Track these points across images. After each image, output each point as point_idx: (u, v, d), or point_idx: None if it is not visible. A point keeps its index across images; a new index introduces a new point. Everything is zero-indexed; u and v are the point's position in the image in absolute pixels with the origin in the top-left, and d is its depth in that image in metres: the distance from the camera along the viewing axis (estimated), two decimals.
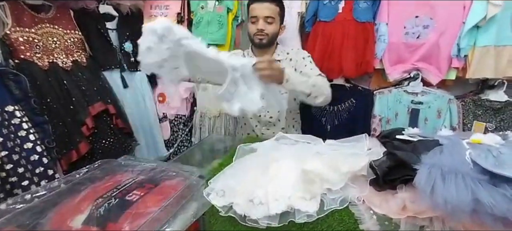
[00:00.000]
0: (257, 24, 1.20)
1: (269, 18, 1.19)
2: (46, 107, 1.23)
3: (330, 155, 0.79)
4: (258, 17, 1.19)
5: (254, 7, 1.20)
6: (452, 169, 0.59)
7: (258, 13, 1.19)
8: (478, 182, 0.55)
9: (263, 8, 1.18)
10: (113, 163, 1.02)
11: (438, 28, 1.39)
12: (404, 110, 1.52)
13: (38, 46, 1.26)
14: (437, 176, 0.59)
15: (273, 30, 1.21)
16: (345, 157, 0.76)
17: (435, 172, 0.60)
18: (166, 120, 1.97)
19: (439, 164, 0.61)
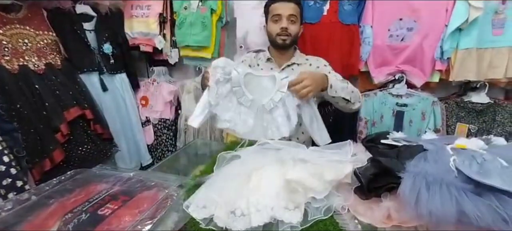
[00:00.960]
0: (280, 23, 1.16)
1: (293, 17, 1.17)
2: (15, 114, 1.16)
3: (314, 162, 0.76)
4: (282, 15, 1.16)
5: (277, 6, 1.17)
6: (436, 178, 0.57)
7: (281, 12, 1.16)
8: (463, 192, 0.54)
9: (286, 6, 1.16)
10: (87, 173, 0.96)
11: (421, 30, 1.40)
12: (389, 112, 1.52)
13: (6, 48, 1.18)
14: (421, 185, 0.57)
15: (296, 30, 1.19)
16: (329, 164, 0.74)
17: (419, 181, 0.58)
18: (149, 124, 1.91)
19: (423, 173, 0.60)
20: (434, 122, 1.47)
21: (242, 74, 0.94)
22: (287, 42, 1.19)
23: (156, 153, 1.95)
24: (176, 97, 1.91)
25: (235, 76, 0.94)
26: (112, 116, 1.66)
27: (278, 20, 1.17)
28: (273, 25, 1.19)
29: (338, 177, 0.71)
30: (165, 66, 1.92)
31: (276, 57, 1.26)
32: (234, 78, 0.94)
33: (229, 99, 0.96)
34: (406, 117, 1.50)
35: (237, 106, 0.97)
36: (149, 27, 1.73)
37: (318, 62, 1.25)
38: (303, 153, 0.85)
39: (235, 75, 0.94)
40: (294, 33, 1.19)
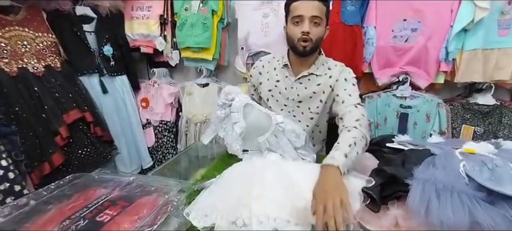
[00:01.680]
0: (301, 26, 0.98)
1: (317, 18, 0.98)
2: (14, 117, 1.14)
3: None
4: (304, 16, 0.98)
5: (298, 6, 0.99)
6: (447, 185, 0.55)
7: (303, 12, 0.98)
8: (475, 200, 0.51)
9: (309, 6, 0.97)
10: (85, 178, 0.95)
11: (426, 31, 1.38)
12: (393, 114, 1.49)
13: (5, 51, 1.17)
14: (431, 193, 0.55)
15: (319, 33, 1.01)
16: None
17: (429, 189, 0.56)
18: (150, 127, 1.89)
19: (432, 180, 0.58)
20: (439, 124, 1.45)
21: (242, 102, 0.97)
22: (307, 48, 1.01)
23: (157, 155, 1.93)
24: (177, 99, 1.89)
25: (235, 102, 0.97)
26: (113, 118, 1.64)
27: (299, 22, 0.99)
28: (293, 28, 1.01)
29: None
30: (166, 68, 1.90)
31: (294, 64, 1.10)
32: (234, 104, 0.97)
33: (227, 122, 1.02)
34: (411, 119, 1.47)
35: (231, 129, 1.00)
36: (150, 28, 1.71)
37: (341, 75, 1.06)
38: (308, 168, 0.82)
39: (236, 100, 0.97)
40: (317, 38, 1.01)
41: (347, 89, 1.03)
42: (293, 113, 1.14)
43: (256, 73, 1.20)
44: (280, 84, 1.13)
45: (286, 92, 1.12)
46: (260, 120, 0.97)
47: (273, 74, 1.15)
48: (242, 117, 0.97)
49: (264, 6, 1.55)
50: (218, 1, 1.61)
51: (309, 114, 1.12)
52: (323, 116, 1.15)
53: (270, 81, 1.16)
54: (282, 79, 1.13)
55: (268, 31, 1.56)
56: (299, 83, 1.10)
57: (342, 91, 1.03)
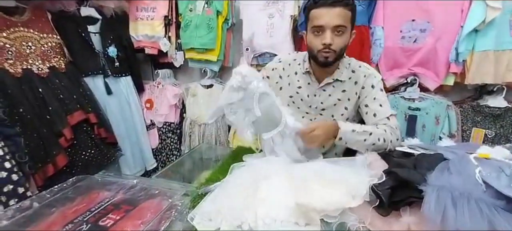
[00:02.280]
0: (323, 37, 0.88)
1: (340, 28, 0.87)
2: (18, 118, 1.13)
3: (326, 178, 0.72)
4: (325, 27, 0.87)
5: (319, 14, 0.88)
6: (463, 193, 0.53)
7: (325, 22, 0.87)
8: (494, 209, 0.49)
9: (332, 15, 0.86)
10: (89, 180, 0.94)
11: (435, 32, 1.35)
12: (401, 116, 1.46)
13: (10, 52, 1.17)
14: (447, 201, 0.52)
15: (343, 43, 0.90)
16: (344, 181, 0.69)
17: (444, 196, 0.53)
18: (154, 128, 1.89)
19: (448, 187, 0.55)
20: (448, 127, 1.41)
21: (260, 89, 0.86)
22: (329, 59, 0.91)
23: (161, 157, 1.92)
24: (181, 100, 1.88)
25: (253, 87, 0.86)
26: (117, 119, 1.63)
27: (320, 33, 0.89)
28: (313, 38, 0.91)
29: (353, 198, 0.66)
30: (170, 69, 1.89)
31: (316, 71, 1.02)
32: (251, 88, 0.86)
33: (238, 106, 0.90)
34: (419, 122, 1.44)
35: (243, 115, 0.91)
36: (154, 29, 1.70)
37: (367, 81, 0.99)
38: (315, 165, 0.80)
39: (254, 86, 0.86)
40: (340, 48, 0.91)
41: (377, 99, 0.97)
42: (316, 121, 1.06)
43: (276, 76, 1.10)
44: (302, 91, 1.04)
45: (309, 99, 1.04)
46: (272, 113, 0.90)
47: (294, 79, 1.06)
48: (257, 105, 0.87)
49: (270, 6, 1.53)
50: (223, 1, 1.60)
51: (331, 118, 1.04)
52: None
53: (291, 87, 1.07)
54: (304, 86, 1.04)
55: (273, 32, 1.55)
56: (323, 90, 1.02)
57: (371, 101, 0.97)
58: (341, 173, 0.75)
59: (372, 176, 0.70)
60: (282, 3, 1.50)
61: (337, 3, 0.86)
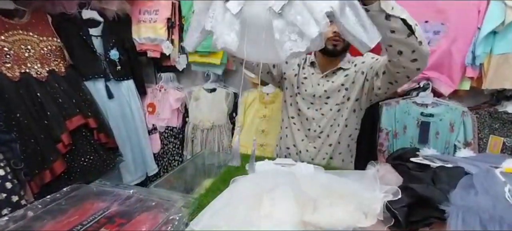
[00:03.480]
0: (333, 25, 0.89)
1: None
2: (15, 123, 1.11)
3: (337, 191, 0.66)
4: None
5: None
6: (494, 216, 0.46)
7: None
8: None
9: None
10: (84, 190, 0.89)
11: (450, 34, 1.27)
12: (413, 122, 1.39)
13: (8, 55, 1.14)
14: (475, 225, 0.46)
15: None
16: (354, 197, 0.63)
17: (472, 220, 0.47)
18: (156, 132, 1.85)
19: (475, 208, 0.48)
20: (464, 134, 1.33)
21: None
22: (338, 48, 1.00)
23: (163, 162, 1.88)
24: (183, 104, 1.84)
25: None
26: (118, 124, 1.60)
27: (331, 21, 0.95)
28: None
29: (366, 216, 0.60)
30: (173, 72, 1.85)
31: (321, 62, 1.10)
32: None
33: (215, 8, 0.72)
34: (432, 129, 1.36)
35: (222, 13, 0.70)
36: (157, 32, 1.67)
37: (366, 57, 1.06)
38: (323, 179, 0.74)
39: None
40: None
41: (378, 59, 1.00)
42: (321, 111, 1.09)
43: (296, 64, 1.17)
44: (307, 81, 1.12)
45: (313, 89, 1.10)
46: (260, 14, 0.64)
47: (301, 72, 1.14)
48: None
49: None
50: None
51: (336, 107, 1.07)
52: (352, 117, 1.08)
53: (297, 78, 1.14)
54: (308, 76, 1.12)
55: None
56: (326, 80, 1.09)
57: (374, 62, 1.00)
58: (351, 187, 0.69)
59: (387, 192, 0.63)
60: None
61: None
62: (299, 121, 1.14)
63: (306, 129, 1.12)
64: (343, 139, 1.10)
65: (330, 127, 1.09)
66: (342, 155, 1.13)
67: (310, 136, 1.12)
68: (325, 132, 1.10)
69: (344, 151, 1.13)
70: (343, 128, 1.09)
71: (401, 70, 0.84)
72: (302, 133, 1.14)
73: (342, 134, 1.09)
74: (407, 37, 0.70)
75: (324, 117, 1.09)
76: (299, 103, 1.13)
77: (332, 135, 1.10)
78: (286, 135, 1.19)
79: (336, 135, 1.09)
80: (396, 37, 0.71)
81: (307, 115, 1.11)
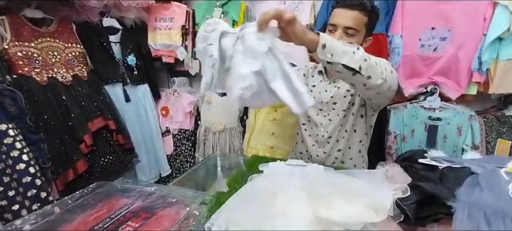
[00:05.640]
0: (334, 35, 0.94)
1: (351, 29, 0.92)
2: (43, 124, 1.18)
3: (348, 189, 0.70)
4: (338, 26, 0.94)
5: (336, 13, 0.96)
6: (497, 210, 0.50)
7: (338, 21, 0.94)
8: None
9: (344, 15, 0.93)
10: (109, 187, 0.95)
11: (456, 40, 1.31)
12: (421, 126, 1.42)
13: (37, 61, 1.22)
14: (480, 219, 0.49)
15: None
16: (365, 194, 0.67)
17: (476, 214, 0.50)
18: (169, 135, 1.91)
19: (480, 204, 0.52)
20: (471, 138, 1.35)
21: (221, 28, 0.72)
22: None
23: (175, 164, 1.94)
24: (196, 107, 1.90)
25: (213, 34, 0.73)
26: (134, 126, 1.67)
27: (332, 31, 0.95)
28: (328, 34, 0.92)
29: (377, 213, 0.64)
30: (186, 77, 1.93)
31: (328, 70, 1.12)
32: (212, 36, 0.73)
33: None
34: (440, 132, 1.39)
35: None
36: (172, 39, 1.74)
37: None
38: (335, 177, 0.79)
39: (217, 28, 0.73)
40: None
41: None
42: (329, 117, 1.11)
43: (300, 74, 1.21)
44: (315, 89, 1.13)
45: (320, 96, 1.11)
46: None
47: (311, 81, 1.16)
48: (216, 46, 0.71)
49: None
50: (239, 11, 1.62)
51: (342, 113, 1.08)
52: (360, 122, 1.09)
53: (308, 87, 1.16)
54: (317, 84, 1.14)
55: None
56: (333, 86, 1.09)
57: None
58: (362, 186, 0.73)
59: (396, 189, 0.67)
60: (299, 11, 1.51)
61: (354, 7, 0.93)
62: (309, 127, 1.17)
63: (315, 135, 1.14)
64: (353, 144, 1.11)
65: (338, 132, 1.10)
66: (353, 160, 1.13)
67: (319, 142, 1.14)
68: (334, 137, 1.11)
69: (355, 156, 1.13)
70: (351, 133, 1.09)
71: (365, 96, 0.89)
72: (312, 139, 1.16)
73: (350, 139, 1.10)
74: (353, 75, 0.74)
75: (332, 122, 1.10)
76: (309, 110, 1.14)
77: (340, 141, 1.10)
78: (301, 141, 1.22)
79: (344, 140, 1.10)
80: (343, 76, 0.77)
81: (316, 121, 1.12)
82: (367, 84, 0.76)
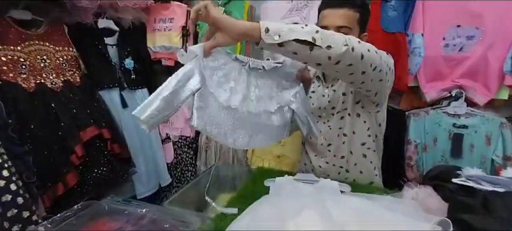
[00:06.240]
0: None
1: (343, 28, 0.86)
2: (29, 135, 1.08)
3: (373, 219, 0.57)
4: (329, 27, 0.87)
5: (325, 15, 0.90)
6: None
7: (328, 22, 0.88)
8: None
9: (334, 15, 0.88)
10: (95, 207, 0.84)
11: (485, 39, 1.17)
12: (445, 135, 1.28)
13: (24, 66, 1.13)
14: None
15: None
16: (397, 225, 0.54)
17: None
18: (169, 142, 1.81)
19: None
20: (502, 148, 1.21)
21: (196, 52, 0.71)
22: None
23: (176, 172, 1.83)
24: None
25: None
26: (131, 133, 1.57)
27: None
28: None
29: None
30: None
31: (325, 74, 1.06)
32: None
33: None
34: (466, 141, 1.25)
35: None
36: (172, 40, 1.64)
37: None
38: (355, 202, 0.66)
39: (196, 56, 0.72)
40: None
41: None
42: (328, 124, 1.02)
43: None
44: (314, 95, 1.08)
45: (318, 102, 1.05)
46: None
47: (309, 87, 1.09)
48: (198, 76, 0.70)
49: (293, 15, 1.42)
50: (242, 10, 1.51)
51: (338, 115, 0.99)
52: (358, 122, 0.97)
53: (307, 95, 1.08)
54: (315, 89, 1.08)
55: None
56: (331, 90, 1.03)
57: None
58: (389, 214, 0.61)
59: (434, 223, 0.55)
60: (307, 10, 1.39)
61: (343, 4, 0.87)
62: (309, 137, 1.08)
63: (315, 144, 1.05)
64: (354, 148, 1.00)
65: (337, 137, 1.00)
66: (359, 166, 1.01)
67: (320, 151, 1.05)
68: (334, 144, 1.01)
69: (359, 162, 1.01)
70: (351, 136, 0.98)
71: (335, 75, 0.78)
72: (312, 150, 1.08)
73: (351, 143, 0.99)
74: (311, 51, 0.65)
75: (330, 128, 1.01)
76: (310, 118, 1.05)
77: (341, 147, 1.00)
78: (305, 152, 1.13)
79: (345, 146, 0.99)
80: (302, 56, 0.67)
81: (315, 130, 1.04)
82: (332, 56, 0.66)
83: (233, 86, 0.79)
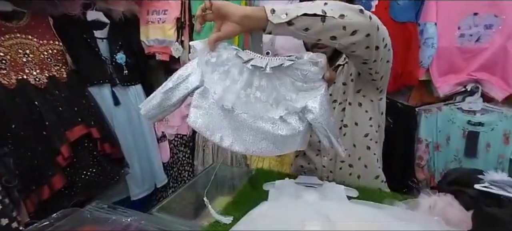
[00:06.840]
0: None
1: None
2: (10, 135, 1.01)
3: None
4: None
5: None
6: None
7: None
8: None
9: None
10: (76, 215, 0.77)
11: (505, 28, 1.08)
12: (459, 133, 1.19)
13: (4, 61, 1.05)
14: None
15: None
16: None
17: None
18: (165, 140, 1.73)
19: None
20: None
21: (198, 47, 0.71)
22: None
23: (172, 172, 1.76)
24: None
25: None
26: (125, 132, 1.49)
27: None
28: None
29: None
30: None
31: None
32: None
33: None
34: (482, 140, 1.16)
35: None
36: (166, 33, 1.55)
37: None
38: (362, 211, 0.58)
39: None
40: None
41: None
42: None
43: None
44: None
45: None
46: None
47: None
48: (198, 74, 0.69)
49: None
50: (240, 1, 1.42)
51: (339, 107, 0.93)
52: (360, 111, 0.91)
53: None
54: None
55: None
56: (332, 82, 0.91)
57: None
58: (405, 227, 0.52)
59: None
60: None
61: None
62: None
63: (316, 142, 0.97)
64: (357, 140, 0.93)
65: (339, 130, 0.92)
66: (363, 160, 0.95)
67: (322, 149, 0.98)
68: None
69: (363, 155, 0.95)
70: (352, 127, 0.92)
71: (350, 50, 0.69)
72: (314, 148, 1.00)
73: (354, 135, 0.93)
74: (323, 22, 0.59)
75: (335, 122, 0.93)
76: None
77: (343, 140, 0.93)
78: (303, 153, 1.04)
79: (347, 137, 0.93)
80: (314, 31, 0.60)
81: None
82: (347, 24, 0.59)
83: (229, 85, 0.69)
